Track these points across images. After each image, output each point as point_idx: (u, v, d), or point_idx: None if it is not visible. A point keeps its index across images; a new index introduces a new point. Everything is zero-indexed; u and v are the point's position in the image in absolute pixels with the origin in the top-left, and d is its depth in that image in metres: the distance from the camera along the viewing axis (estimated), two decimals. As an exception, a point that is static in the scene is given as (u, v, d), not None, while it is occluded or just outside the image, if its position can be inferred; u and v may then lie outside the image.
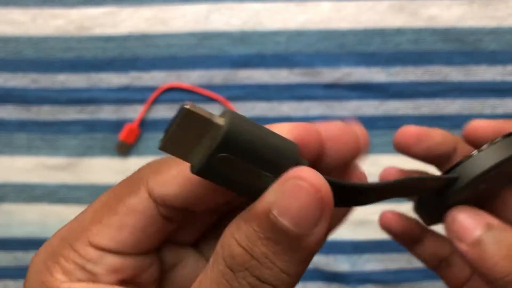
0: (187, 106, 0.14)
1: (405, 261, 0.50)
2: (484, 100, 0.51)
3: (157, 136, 0.51)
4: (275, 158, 0.14)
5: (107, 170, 0.51)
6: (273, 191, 0.13)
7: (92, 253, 0.15)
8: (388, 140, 0.50)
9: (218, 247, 0.13)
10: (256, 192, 0.14)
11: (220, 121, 0.14)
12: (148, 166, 0.16)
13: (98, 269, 0.15)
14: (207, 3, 0.52)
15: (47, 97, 0.52)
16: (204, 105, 0.51)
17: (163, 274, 0.17)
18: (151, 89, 0.52)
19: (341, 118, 0.19)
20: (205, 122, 0.14)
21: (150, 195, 0.15)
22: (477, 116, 0.51)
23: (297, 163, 0.14)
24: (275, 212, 0.12)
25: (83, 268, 0.15)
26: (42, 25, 0.53)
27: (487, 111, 0.51)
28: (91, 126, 0.52)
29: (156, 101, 0.52)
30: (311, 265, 0.49)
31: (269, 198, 0.13)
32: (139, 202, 0.15)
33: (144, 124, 0.51)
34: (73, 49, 0.52)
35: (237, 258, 0.13)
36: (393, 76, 0.51)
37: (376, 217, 0.50)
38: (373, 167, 0.51)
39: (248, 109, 0.51)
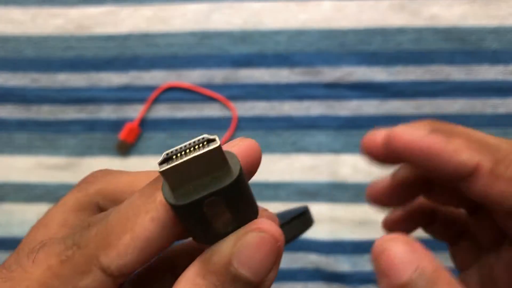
0: (217, 143, 0.14)
1: (406, 261, 0.50)
2: (486, 99, 0.51)
3: (158, 136, 0.51)
4: (247, 210, 0.14)
5: (107, 169, 0.51)
6: (233, 243, 0.13)
7: None
8: (389, 139, 0.50)
9: None
10: (213, 238, 0.14)
11: (232, 166, 0.14)
12: (90, 241, 0.15)
13: None
14: (208, 2, 0.52)
15: (47, 97, 0.52)
16: (205, 104, 0.51)
17: None
18: (151, 88, 0.51)
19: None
20: (221, 163, 0.14)
21: (105, 271, 0.14)
22: (479, 115, 0.50)
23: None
24: (235, 264, 0.13)
25: None
26: (42, 24, 0.53)
27: (489, 110, 0.50)
28: (91, 126, 0.52)
29: (156, 100, 0.51)
30: (312, 266, 0.49)
31: (229, 250, 0.13)
32: (92, 281, 0.14)
33: (144, 124, 0.51)
34: (73, 48, 0.52)
35: None
36: (394, 76, 0.51)
37: (377, 217, 0.50)
38: (374, 167, 0.51)
39: (249, 109, 0.51)
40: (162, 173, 0.14)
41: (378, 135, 0.18)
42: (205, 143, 0.14)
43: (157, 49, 0.52)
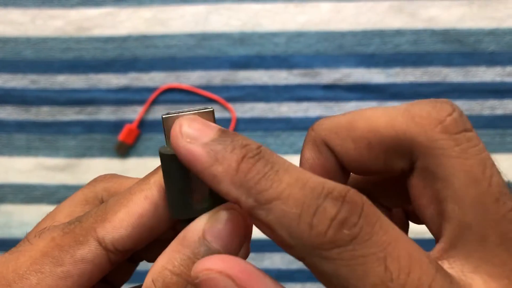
0: (212, 108, 0.17)
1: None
2: (484, 101, 0.51)
3: (157, 137, 0.51)
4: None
5: (106, 171, 0.51)
6: (207, 219, 0.14)
7: None
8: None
9: (149, 283, 0.14)
10: (190, 212, 0.15)
11: None
12: (90, 215, 0.16)
13: None
14: (206, 4, 0.52)
15: (46, 98, 0.52)
16: (203, 105, 0.52)
17: None
18: (150, 89, 0.52)
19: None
20: None
21: (101, 243, 0.16)
22: (477, 117, 0.51)
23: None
24: (208, 237, 0.14)
25: None
26: (41, 25, 0.53)
27: (486, 112, 0.51)
28: (90, 127, 0.52)
29: (155, 101, 0.52)
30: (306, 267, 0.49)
31: (202, 225, 0.14)
32: (88, 252, 0.16)
33: (144, 125, 0.51)
34: (72, 49, 0.52)
35: (173, 286, 0.14)
36: (393, 77, 0.51)
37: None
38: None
39: (248, 110, 0.51)
40: (164, 119, 0.16)
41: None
42: (202, 109, 0.16)
43: (156, 50, 0.52)
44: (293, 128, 0.51)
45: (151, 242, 0.17)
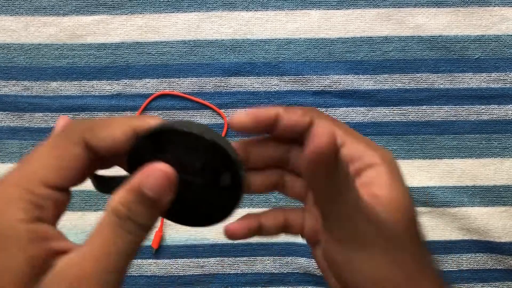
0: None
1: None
2: (470, 106, 0.52)
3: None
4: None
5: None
6: (142, 175, 0.21)
7: (45, 191, 0.21)
8: (376, 146, 0.51)
9: (109, 207, 0.21)
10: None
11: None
12: (79, 125, 0.22)
13: (48, 204, 0.21)
14: (198, 12, 0.52)
15: (40, 104, 0.52)
16: (196, 112, 0.52)
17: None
18: (143, 96, 0.52)
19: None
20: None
21: (87, 145, 0.22)
22: (463, 122, 0.52)
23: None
24: (143, 188, 0.20)
25: (36, 204, 0.21)
26: (34, 32, 0.53)
27: (473, 117, 0.52)
28: (83, 133, 0.52)
29: (148, 108, 0.52)
30: (302, 270, 0.50)
31: (139, 179, 0.21)
32: (80, 150, 0.22)
33: (136, 131, 0.52)
34: (65, 56, 0.53)
35: (122, 212, 0.20)
36: (381, 83, 0.52)
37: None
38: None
39: (239, 116, 0.52)
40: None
41: (271, 113, 0.24)
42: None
43: (149, 57, 0.52)
44: (284, 134, 0.52)
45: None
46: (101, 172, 0.25)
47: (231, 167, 0.22)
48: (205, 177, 0.22)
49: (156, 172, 0.21)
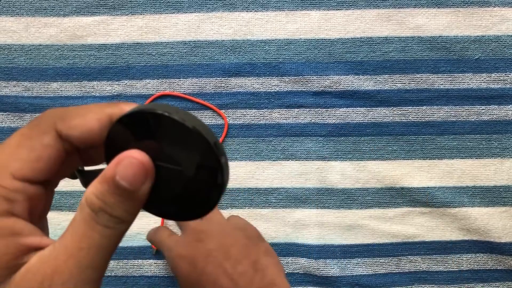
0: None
1: (393, 265, 0.51)
2: (470, 107, 0.52)
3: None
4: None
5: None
6: (115, 164, 0.19)
7: (16, 184, 0.20)
8: (376, 146, 0.51)
9: (83, 200, 0.20)
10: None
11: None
12: (50, 114, 0.21)
13: (18, 197, 0.20)
14: (198, 13, 0.53)
15: (40, 105, 0.52)
16: (196, 112, 0.52)
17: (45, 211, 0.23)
18: (144, 97, 0.52)
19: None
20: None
21: (60, 135, 0.21)
22: (463, 122, 0.52)
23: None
24: (117, 177, 0.19)
25: (5, 198, 0.20)
26: (34, 33, 0.53)
27: (473, 117, 0.52)
28: (83, 134, 0.52)
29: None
30: (301, 270, 0.50)
31: (113, 168, 0.19)
32: (51, 140, 0.20)
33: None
34: (66, 57, 0.53)
35: (96, 205, 0.19)
36: (381, 84, 0.52)
37: (365, 222, 0.51)
38: (362, 173, 0.52)
39: (239, 116, 0.52)
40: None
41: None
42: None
43: (149, 58, 0.52)
44: (284, 134, 0.52)
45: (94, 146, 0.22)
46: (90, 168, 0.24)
47: (212, 156, 0.20)
48: (186, 166, 0.21)
49: (130, 160, 0.19)
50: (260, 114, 0.52)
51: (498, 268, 0.51)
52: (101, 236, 0.19)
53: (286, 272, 0.51)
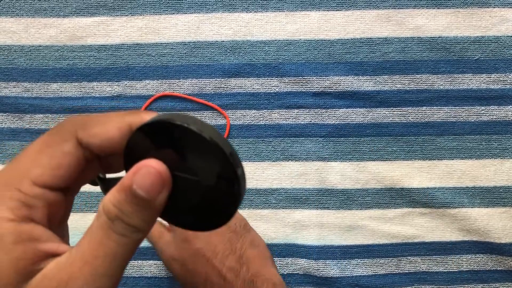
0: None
1: (393, 266, 0.51)
2: (470, 107, 0.52)
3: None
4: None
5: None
6: (133, 173, 0.19)
7: (35, 190, 0.20)
8: (376, 147, 0.51)
9: (100, 207, 0.20)
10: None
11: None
12: (71, 122, 0.21)
13: (38, 203, 0.20)
14: (198, 13, 0.53)
15: (40, 106, 0.52)
16: (197, 113, 0.52)
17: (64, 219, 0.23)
18: (144, 97, 0.52)
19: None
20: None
21: (80, 143, 0.21)
22: (463, 123, 0.52)
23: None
24: (134, 186, 0.19)
25: (25, 204, 0.20)
26: (34, 34, 0.53)
27: (472, 118, 0.52)
28: (83, 134, 0.52)
29: (148, 109, 0.52)
30: (301, 271, 0.50)
31: (130, 177, 0.19)
32: (72, 147, 0.21)
33: (136, 132, 0.52)
34: (66, 58, 0.53)
35: (112, 213, 0.19)
36: (381, 85, 0.52)
37: (365, 223, 0.51)
38: (362, 173, 0.52)
39: (239, 117, 0.52)
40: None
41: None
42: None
43: (149, 59, 0.52)
44: (284, 135, 0.52)
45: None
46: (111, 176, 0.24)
47: (228, 167, 0.20)
48: (202, 176, 0.21)
49: (148, 170, 0.19)
50: (260, 115, 0.52)
51: (498, 268, 0.51)
52: (117, 244, 0.19)
53: (285, 273, 0.51)
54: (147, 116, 0.21)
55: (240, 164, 0.21)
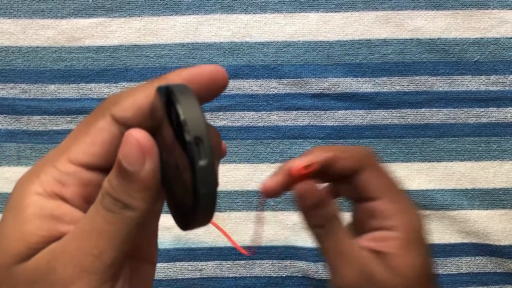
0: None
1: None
2: (469, 109, 0.52)
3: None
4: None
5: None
6: (122, 142, 0.19)
7: (70, 168, 0.20)
8: (375, 149, 0.51)
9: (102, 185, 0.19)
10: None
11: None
12: (108, 99, 0.21)
13: (70, 181, 0.20)
14: (197, 15, 0.53)
15: (37, 107, 0.52)
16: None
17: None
18: (141, 99, 0.52)
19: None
20: None
21: (114, 118, 0.20)
22: (462, 125, 0.51)
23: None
24: (120, 157, 0.18)
25: (57, 180, 0.19)
26: (32, 35, 0.53)
27: (472, 120, 0.52)
28: (81, 136, 0.52)
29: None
30: (300, 273, 0.50)
31: (121, 147, 0.19)
32: (105, 123, 0.20)
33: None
34: (64, 59, 0.52)
35: (104, 187, 0.19)
36: (380, 86, 0.52)
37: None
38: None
39: (238, 118, 0.52)
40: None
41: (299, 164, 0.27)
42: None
43: (147, 60, 0.52)
44: (283, 137, 0.52)
45: None
46: None
47: (188, 156, 0.17)
48: (177, 162, 0.18)
49: (129, 139, 0.18)
50: (259, 117, 0.52)
51: (498, 271, 0.50)
52: (104, 220, 0.18)
53: (284, 275, 0.51)
54: (174, 78, 0.20)
55: (208, 156, 0.17)
